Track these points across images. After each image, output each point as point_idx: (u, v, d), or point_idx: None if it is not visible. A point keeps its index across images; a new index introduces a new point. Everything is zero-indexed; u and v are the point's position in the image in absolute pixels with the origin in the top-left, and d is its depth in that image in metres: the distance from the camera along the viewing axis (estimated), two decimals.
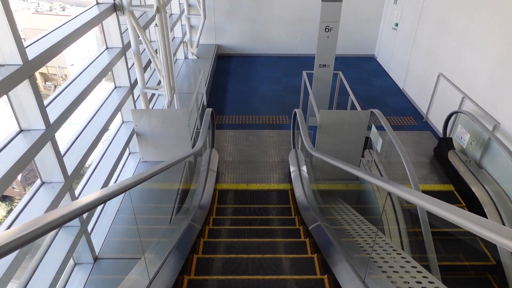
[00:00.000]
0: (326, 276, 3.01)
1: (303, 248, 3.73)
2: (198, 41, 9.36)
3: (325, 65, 6.68)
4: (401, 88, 8.87)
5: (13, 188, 13.11)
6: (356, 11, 10.03)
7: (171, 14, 8.94)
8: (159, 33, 4.64)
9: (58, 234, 3.49)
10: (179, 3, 9.12)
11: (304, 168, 5.47)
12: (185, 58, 9.64)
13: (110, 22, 4.73)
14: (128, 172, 5.47)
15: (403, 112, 7.88)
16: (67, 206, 1.51)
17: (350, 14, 9.64)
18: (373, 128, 5.55)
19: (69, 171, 3.47)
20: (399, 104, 8.20)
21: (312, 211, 4.12)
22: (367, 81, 9.31)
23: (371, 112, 5.27)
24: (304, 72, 6.95)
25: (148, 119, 5.14)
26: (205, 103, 7.35)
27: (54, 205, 3.24)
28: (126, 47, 5.01)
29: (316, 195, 4.66)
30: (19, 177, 11.17)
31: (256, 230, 4.28)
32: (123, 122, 5.55)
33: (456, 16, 6.50)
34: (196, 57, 9.64)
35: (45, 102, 3.39)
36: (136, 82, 5.26)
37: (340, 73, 6.95)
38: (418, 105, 7.94)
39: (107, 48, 4.92)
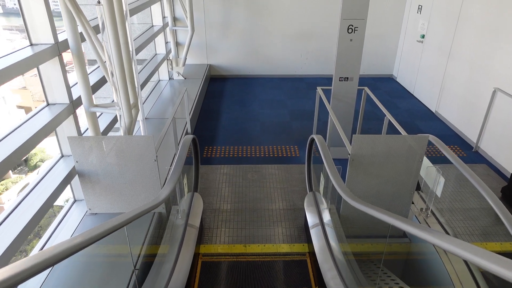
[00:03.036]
0: None
1: None
2: (185, 58, 7.81)
3: (347, 78, 5.05)
4: (433, 111, 7.23)
5: None
6: (369, 26, 8.56)
7: (152, 26, 7.45)
8: (106, 14, 2.98)
9: None
10: (163, 16, 7.65)
11: (327, 219, 3.71)
12: (169, 78, 8.06)
13: (34, 5, 3.11)
14: (67, 229, 3.70)
15: (444, 140, 6.14)
16: None
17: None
18: (426, 161, 3.84)
19: None
20: (436, 131, 6.52)
21: None
22: (390, 104, 7.69)
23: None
24: (319, 89, 5.31)
25: (94, 150, 3.40)
26: (189, 131, 5.65)
27: None
28: (62, 45, 3.37)
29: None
30: None
31: None
32: (62, 156, 3.81)
33: None
34: (183, 78, 8.06)
35: None
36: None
37: (366, 88, 5.32)
38: (462, 131, 6.25)
39: (31, 44, 3.26)
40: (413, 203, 3.98)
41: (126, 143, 3.41)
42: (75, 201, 4.03)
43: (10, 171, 16.35)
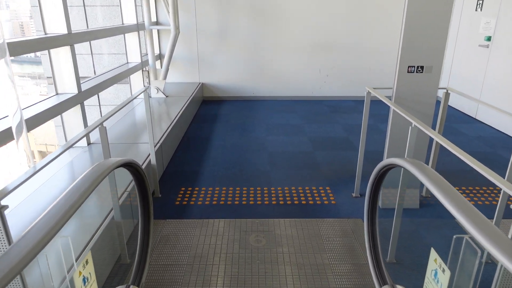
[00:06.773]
0: None
1: None
2: (167, 69, 5.84)
3: (422, 67, 2.95)
4: None
5: None
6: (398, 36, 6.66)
7: (123, 24, 5.55)
8: None
9: None
10: (137, 16, 5.77)
11: None
12: None
13: None
14: None
15: None
16: None
17: (391, 43, 6.28)
18: None
19: None
20: None
21: None
22: (451, 130, 5.54)
23: None
24: (368, 88, 3.18)
25: None
26: (153, 162, 3.48)
27: None
28: None
29: None
30: None
31: None
32: None
33: None
34: (163, 96, 6.03)
35: None
36: None
37: (450, 87, 3.20)
38: None
39: None
40: None
41: None
42: None
43: None
